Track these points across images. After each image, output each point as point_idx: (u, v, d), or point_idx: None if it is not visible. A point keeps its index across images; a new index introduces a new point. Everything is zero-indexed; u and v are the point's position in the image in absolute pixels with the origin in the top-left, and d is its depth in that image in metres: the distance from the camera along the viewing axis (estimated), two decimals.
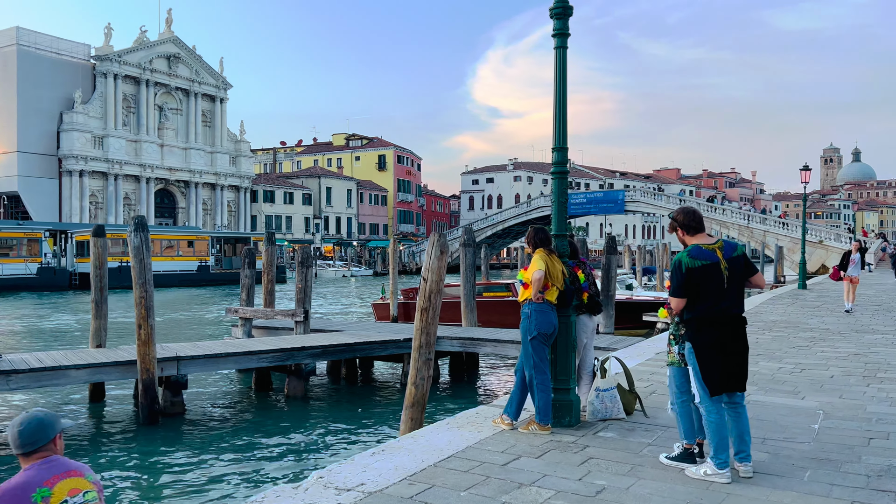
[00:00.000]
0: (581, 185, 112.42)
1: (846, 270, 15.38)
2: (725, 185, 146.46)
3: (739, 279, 4.38)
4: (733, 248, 4.41)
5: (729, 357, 4.30)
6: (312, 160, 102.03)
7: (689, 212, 4.48)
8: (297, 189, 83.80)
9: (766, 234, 55.03)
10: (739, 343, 4.37)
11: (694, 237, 4.45)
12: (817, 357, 9.22)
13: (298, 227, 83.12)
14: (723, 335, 4.30)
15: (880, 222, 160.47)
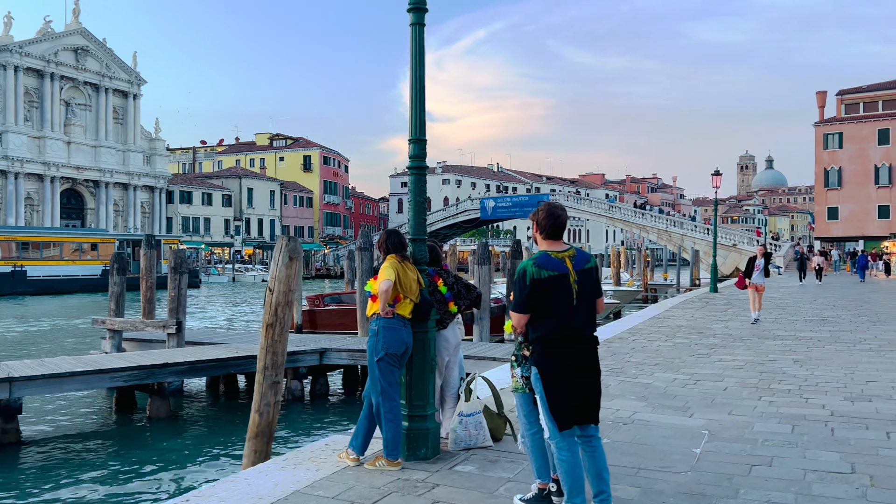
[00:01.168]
0: (509, 188, 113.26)
1: (751, 277, 14.38)
2: (648, 190, 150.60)
3: (590, 295, 3.77)
4: (585, 259, 3.79)
5: (580, 384, 3.68)
6: (234, 160, 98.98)
7: (552, 213, 3.81)
8: (217, 190, 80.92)
9: (684, 238, 56.36)
10: (592, 367, 3.75)
11: (546, 242, 3.81)
12: (715, 366, 8.87)
13: (217, 230, 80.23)
14: (573, 358, 3.67)
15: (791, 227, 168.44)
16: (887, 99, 62.84)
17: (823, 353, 9.96)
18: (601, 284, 3.92)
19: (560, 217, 3.79)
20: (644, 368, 8.70)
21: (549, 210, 3.81)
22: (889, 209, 60.23)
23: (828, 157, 63.28)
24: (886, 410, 6.24)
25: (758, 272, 14.33)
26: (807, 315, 15.87)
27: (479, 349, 10.31)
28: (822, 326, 13.45)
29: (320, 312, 19.39)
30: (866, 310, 17.23)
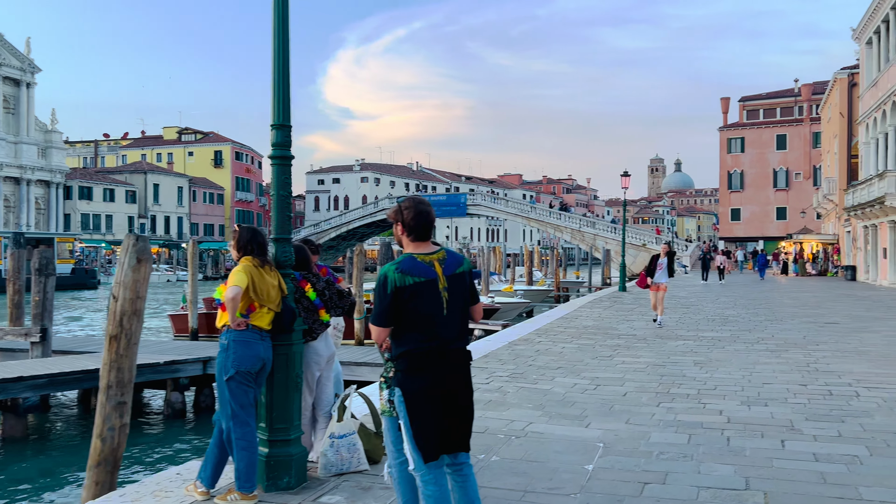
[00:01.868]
0: (428, 187, 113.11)
1: (653, 276, 13.61)
2: (563, 191, 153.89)
3: (462, 303, 3.30)
4: (458, 261, 3.32)
5: (450, 408, 3.21)
6: (140, 154, 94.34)
7: (419, 210, 3.30)
8: (120, 185, 76.87)
9: (596, 238, 57.60)
10: (463, 388, 3.29)
11: (413, 244, 3.31)
12: (616, 370, 8.66)
13: (121, 227, 76.16)
14: (441, 378, 3.19)
15: (697, 227, 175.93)
16: (784, 106, 66.29)
17: (723, 353, 9.96)
18: (476, 290, 3.46)
19: (428, 214, 3.30)
20: (546, 373, 8.39)
21: (414, 207, 3.30)
22: (786, 211, 63.54)
23: (731, 160, 66.17)
24: (781, 416, 6.10)
25: (661, 271, 13.62)
26: (709, 314, 16.15)
27: (376, 356, 9.79)
28: (724, 326, 13.64)
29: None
30: (765, 308, 17.73)
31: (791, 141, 64.29)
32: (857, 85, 38.33)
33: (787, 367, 8.73)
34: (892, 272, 28.86)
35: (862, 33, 33.92)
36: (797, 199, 62.77)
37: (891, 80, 29.00)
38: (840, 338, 11.61)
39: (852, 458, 4.80)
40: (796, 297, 21.97)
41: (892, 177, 27.17)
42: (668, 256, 13.92)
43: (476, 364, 8.90)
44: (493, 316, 18.36)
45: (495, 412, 6.31)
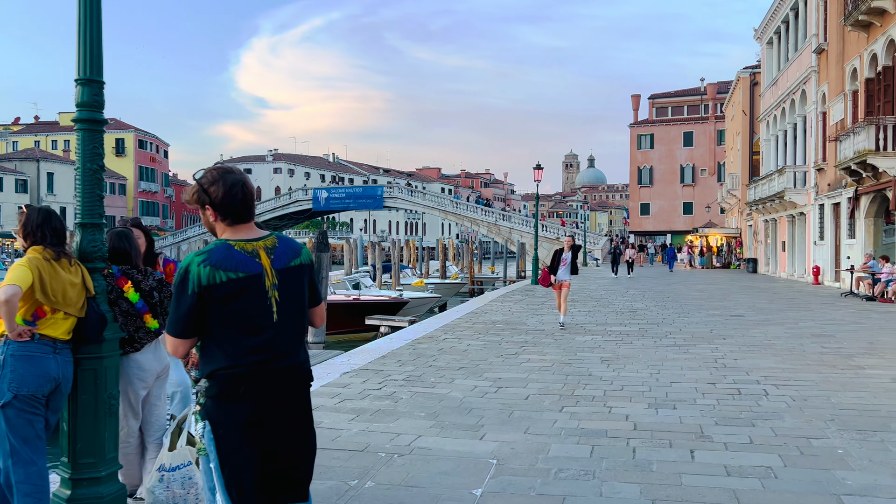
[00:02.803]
0: (345, 179, 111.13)
1: (556, 273, 12.27)
2: (481, 185, 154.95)
3: (298, 306, 2.52)
4: (293, 251, 2.53)
5: (277, 447, 2.42)
6: (33, 141, 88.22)
7: (230, 182, 2.46)
8: (9, 174, 71.55)
9: (512, 231, 57.84)
10: (297, 420, 2.51)
11: (231, 229, 2.51)
12: (521, 369, 8.09)
13: (10, 218, 70.77)
14: (265, 407, 2.41)
15: (609, 221, 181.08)
16: (691, 104, 68.60)
17: (631, 349, 9.60)
18: (319, 288, 2.69)
19: (243, 186, 2.48)
20: (446, 374, 7.72)
21: (222, 179, 2.46)
22: (692, 206, 65.81)
23: (641, 156, 67.95)
24: (690, 420, 5.65)
25: (564, 267, 12.27)
26: (618, 307, 15.98)
27: None
28: (632, 320, 13.41)
29: None
30: (672, 301, 17.78)
31: (697, 138, 66.63)
32: (758, 84, 39.77)
33: (695, 363, 8.41)
34: (790, 265, 30.00)
35: (763, 34, 35.12)
36: (703, 195, 65.16)
37: (790, 78, 30.07)
38: (745, 331, 11.53)
39: (766, 471, 4.34)
40: (702, 290, 22.33)
41: (791, 172, 28.15)
42: (572, 251, 12.50)
43: (371, 367, 8.15)
44: (401, 311, 17.64)
45: (381, 424, 5.58)
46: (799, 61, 28.63)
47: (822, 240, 25.78)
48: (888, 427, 5.32)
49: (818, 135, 26.42)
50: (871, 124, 19.13)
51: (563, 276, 12.29)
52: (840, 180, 23.11)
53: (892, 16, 18.90)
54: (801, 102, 28.48)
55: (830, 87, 24.61)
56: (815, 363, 8.31)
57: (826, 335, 10.90)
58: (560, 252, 12.45)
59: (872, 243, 20.92)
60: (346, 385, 7.12)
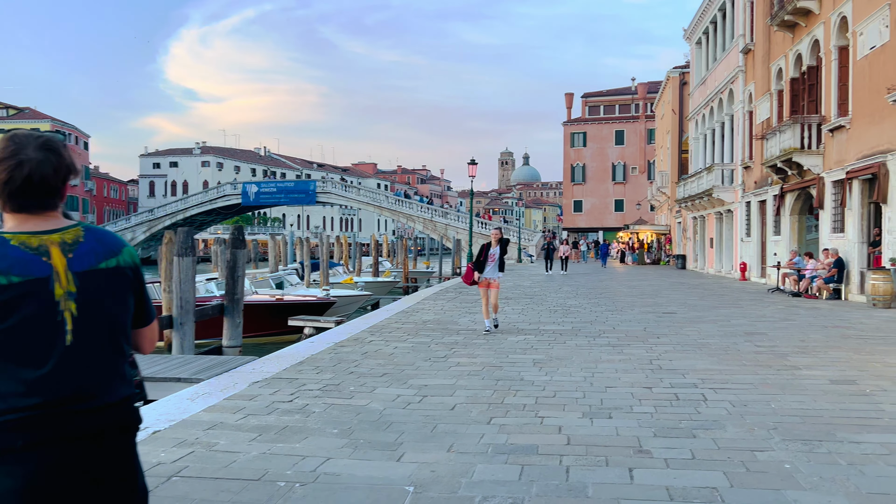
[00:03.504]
0: (277, 174, 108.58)
1: (482, 270, 10.94)
2: (418, 181, 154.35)
3: (110, 324, 1.84)
4: (106, 249, 1.87)
5: None
6: None
7: (17, 158, 1.77)
8: None
9: (447, 228, 57.49)
10: (108, 493, 1.81)
11: (17, 217, 1.82)
12: (449, 373, 7.55)
13: None
14: (53, 476, 1.71)
15: (543, 218, 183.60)
16: (622, 103, 69.80)
17: (564, 349, 9.19)
18: (149, 300, 2.02)
19: (27, 161, 1.79)
20: (367, 382, 7.10)
21: (6, 151, 1.78)
22: (623, 203, 67.00)
23: (574, 154, 68.73)
24: (627, 431, 5.21)
25: (491, 264, 10.97)
26: (552, 305, 15.68)
27: (168, 365, 8.02)
28: (565, 318, 13.09)
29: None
30: (605, 298, 17.63)
31: (628, 136, 67.86)
32: (687, 84, 40.56)
33: (630, 364, 8.05)
34: (718, 261, 30.61)
35: (692, 34, 35.75)
36: (633, 192, 66.43)
37: (718, 78, 30.63)
38: (679, 329, 11.33)
39: (711, 493, 3.91)
40: (634, 286, 22.38)
41: (719, 170, 28.67)
42: (500, 245, 11.09)
43: (285, 375, 7.45)
44: (328, 311, 16.84)
45: (287, 444, 4.92)
46: (727, 61, 29.18)
47: (748, 236, 26.32)
48: (833, 436, 5.00)
49: (745, 133, 26.96)
50: (797, 123, 19.48)
51: (491, 273, 10.96)
52: (766, 178, 23.58)
53: (817, 16, 19.28)
54: (729, 101, 29.04)
55: (757, 87, 25.10)
56: (750, 363, 8.07)
57: (758, 333, 10.79)
58: (487, 247, 11.06)
59: (797, 240, 21.38)
60: (253, 397, 6.41)
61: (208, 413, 5.83)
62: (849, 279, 17.09)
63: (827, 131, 18.51)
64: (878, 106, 15.63)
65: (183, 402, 6.22)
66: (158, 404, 6.15)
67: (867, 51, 16.25)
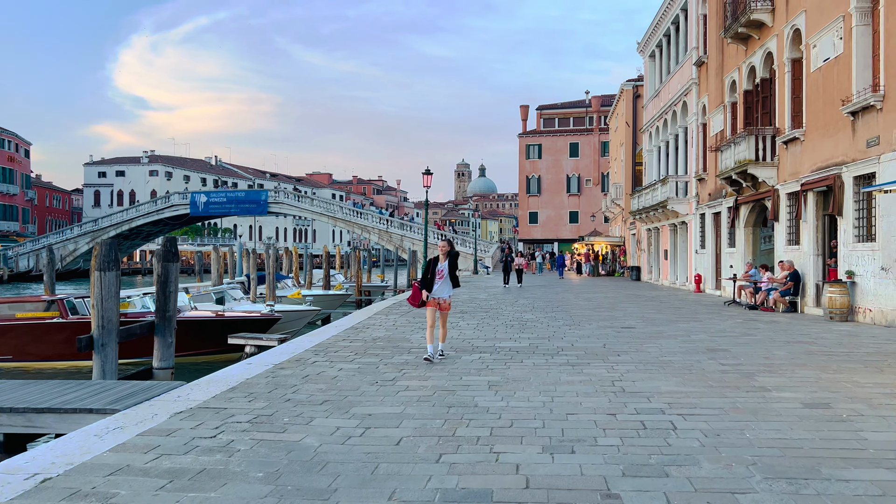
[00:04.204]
0: (229, 183, 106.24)
1: (430, 289, 9.33)
2: (373, 191, 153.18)
3: None
4: None
5: None
6: None
7: None
8: None
9: (403, 238, 56.79)
10: None
11: None
12: (397, 399, 6.88)
13: None
14: None
15: (500, 230, 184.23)
16: (577, 116, 70.30)
17: (521, 370, 8.62)
18: None
19: None
20: (304, 411, 6.39)
21: None
22: (578, 214, 67.31)
23: (529, 166, 68.86)
24: (592, 469, 4.63)
25: (441, 281, 9.39)
26: (508, 319, 15.14)
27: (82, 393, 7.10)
28: (522, 333, 12.54)
29: None
30: (562, 311, 17.19)
31: (582, 149, 68.32)
32: (641, 96, 40.85)
33: (592, 387, 7.51)
34: (673, 273, 30.62)
35: (646, 47, 35.97)
36: (588, 204, 66.82)
37: (671, 90, 30.77)
38: (639, 345, 10.88)
39: None
40: (590, 299, 22.05)
41: (674, 182, 28.70)
42: (448, 259, 9.55)
43: (212, 404, 6.69)
44: (273, 327, 15.93)
45: (200, 494, 4.20)
46: (680, 74, 29.32)
47: (703, 248, 26.33)
48: (819, 472, 4.51)
49: (699, 145, 27.03)
50: (752, 135, 19.46)
51: (442, 292, 9.41)
52: (720, 190, 23.59)
53: (770, 29, 19.33)
54: (683, 114, 29.15)
55: (710, 99, 25.18)
56: (717, 384, 7.61)
57: (721, 349, 10.41)
58: (435, 262, 9.54)
59: (752, 252, 21.36)
60: (171, 432, 5.64)
61: (115, 453, 5.05)
62: (804, 292, 17.02)
63: (781, 143, 18.51)
64: (833, 118, 15.61)
65: (88, 440, 5.41)
66: (59, 443, 5.34)
67: (821, 63, 16.26)
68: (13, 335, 13.94)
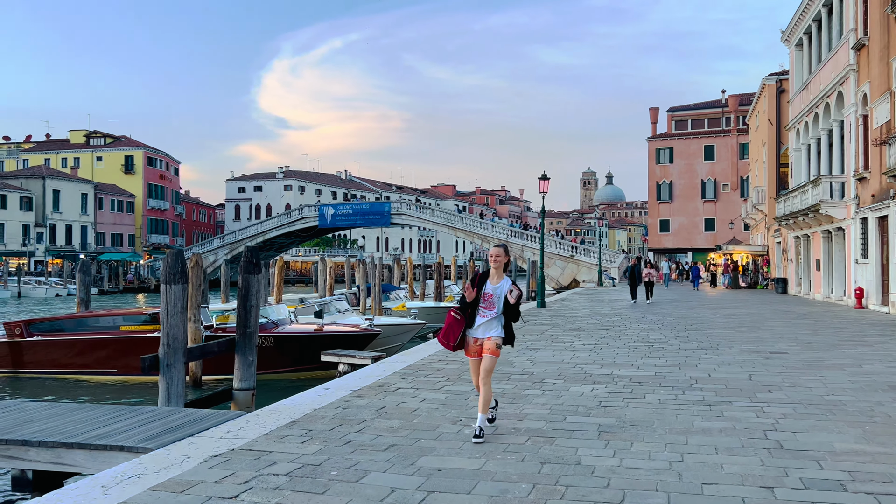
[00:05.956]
0: (357, 196, 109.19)
1: (471, 323, 5.90)
2: (497, 202, 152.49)
3: None
4: None
5: None
6: (43, 159, 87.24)
7: None
8: (13, 191, 70.27)
9: (524, 249, 55.18)
10: None
11: None
12: (479, 447, 5.49)
13: (14, 237, 69.58)
14: None
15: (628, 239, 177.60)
16: (712, 117, 65.76)
17: (643, 409, 6.95)
18: None
19: None
20: (361, 461, 5.16)
21: None
22: (714, 222, 62.72)
23: (660, 171, 65.10)
24: None
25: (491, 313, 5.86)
26: (631, 339, 13.29)
27: (126, 423, 6.22)
28: (647, 358, 10.73)
29: (27, 345, 14.41)
30: (696, 331, 15.03)
31: (719, 152, 63.71)
32: (785, 91, 36.99)
33: (736, 439, 5.75)
34: (827, 285, 27.04)
35: (791, 35, 32.40)
36: (725, 211, 62.08)
37: (823, 81, 27.31)
38: (795, 377, 8.81)
39: None
40: (730, 315, 19.51)
41: (827, 182, 25.31)
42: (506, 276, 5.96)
43: (257, 446, 5.61)
44: (373, 343, 14.92)
45: None
46: (834, 61, 25.89)
47: (864, 258, 22.85)
48: None
49: (858, 140, 23.60)
50: None
51: (487, 329, 5.85)
52: (887, 190, 20.28)
53: None
54: (838, 106, 25.69)
55: (873, 87, 21.84)
56: None
57: None
58: (483, 277, 5.93)
59: None
60: (189, 487, 4.57)
61: None
62: None
63: None
64: None
65: (91, 494, 4.44)
66: (55, 497, 4.40)
67: None
68: (117, 348, 13.91)
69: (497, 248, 6.05)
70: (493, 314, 5.89)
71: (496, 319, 5.91)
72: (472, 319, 5.92)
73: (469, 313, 5.93)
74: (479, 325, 5.91)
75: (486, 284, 5.93)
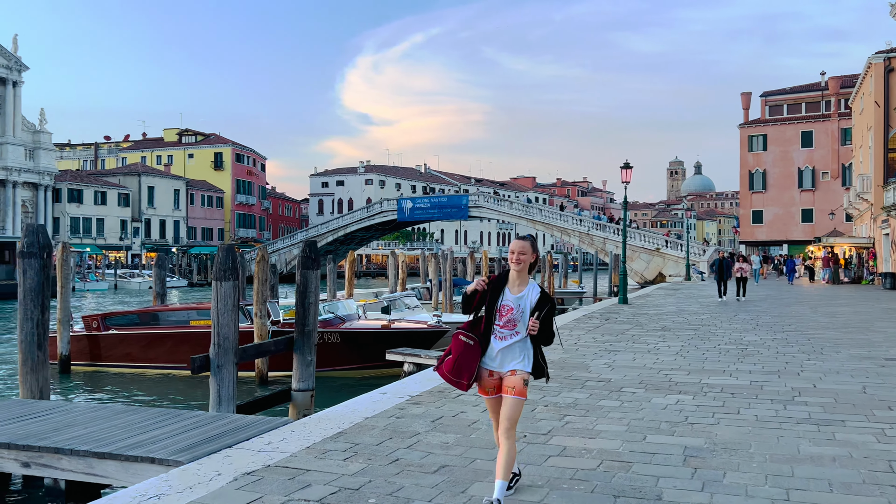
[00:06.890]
0: (436, 189, 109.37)
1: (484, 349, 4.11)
2: (578, 193, 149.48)
3: None
4: None
5: None
6: (140, 157, 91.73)
7: None
8: (112, 188, 74.03)
9: (606, 242, 53.49)
10: None
11: None
12: (542, 472, 4.77)
13: (113, 231, 73.34)
14: None
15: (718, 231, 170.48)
16: (810, 101, 61.77)
17: (736, 428, 6.02)
18: None
19: None
20: (405, 485, 4.58)
21: None
22: (812, 213, 58.97)
23: (752, 159, 61.73)
24: None
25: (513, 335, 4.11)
26: (722, 341, 12.14)
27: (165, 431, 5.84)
28: (740, 363, 9.65)
29: (103, 339, 14.64)
30: (796, 331, 13.67)
31: (817, 138, 59.76)
32: (894, 70, 34.01)
33: (855, 472, 4.78)
34: None
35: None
36: (824, 200, 58.20)
37: None
38: None
39: None
40: (833, 314, 17.83)
41: None
42: (531, 280, 4.27)
43: (294, 462, 5.10)
44: (438, 343, 14.31)
45: None
46: None
47: None
48: None
49: None
50: None
51: (508, 359, 4.14)
52: None
53: None
54: None
55: None
56: None
57: None
58: (501, 283, 4.18)
59: None
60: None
61: None
62: None
63: None
64: None
65: None
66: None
67: None
68: (187, 343, 13.92)
69: (521, 242, 4.17)
70: (516, 338, 4.10)
71: (521, 344, 4.12)
72: (484, 342, 4.11)
73: (481, 332, 4.11)
74: (497, 350, 4.11)
75: (503, 293, 4.12)
